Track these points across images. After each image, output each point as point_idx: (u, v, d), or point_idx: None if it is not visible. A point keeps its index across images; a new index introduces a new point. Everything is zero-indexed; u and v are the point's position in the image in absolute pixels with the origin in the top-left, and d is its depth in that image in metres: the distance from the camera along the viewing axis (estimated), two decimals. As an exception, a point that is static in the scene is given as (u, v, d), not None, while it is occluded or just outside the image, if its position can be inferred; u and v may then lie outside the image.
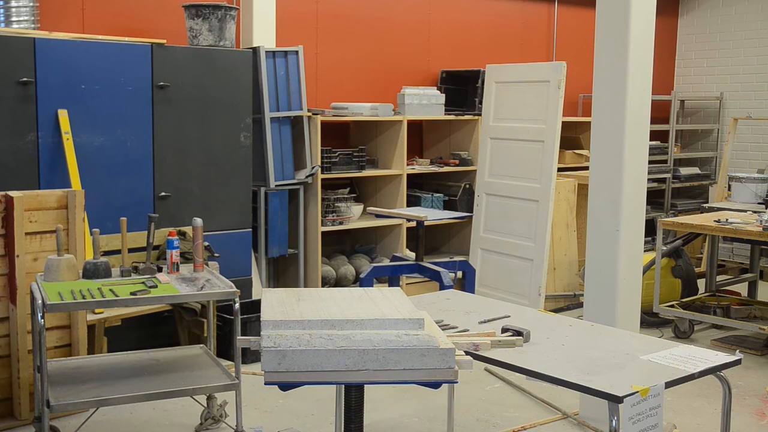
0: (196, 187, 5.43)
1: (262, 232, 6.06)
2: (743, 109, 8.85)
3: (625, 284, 4.28)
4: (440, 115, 6.95)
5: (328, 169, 6.35)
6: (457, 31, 7.65)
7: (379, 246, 6.95)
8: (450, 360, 2.31)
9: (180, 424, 4.29)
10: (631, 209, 4.27)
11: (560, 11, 8.36)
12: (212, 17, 5.45)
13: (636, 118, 4.23)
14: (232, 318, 4.30)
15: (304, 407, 4.51)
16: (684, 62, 9.50)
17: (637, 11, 4.15)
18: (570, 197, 6.89)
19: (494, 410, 4.56)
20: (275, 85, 6.03)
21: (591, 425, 4.31)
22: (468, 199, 7.07)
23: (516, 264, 6.51)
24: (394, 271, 5.59)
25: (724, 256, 8.27)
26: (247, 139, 5.63)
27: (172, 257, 4.15)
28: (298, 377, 2.30)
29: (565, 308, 6.72)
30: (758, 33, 8.80)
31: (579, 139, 7.97)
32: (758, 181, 7.11)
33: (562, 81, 6.26)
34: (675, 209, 8.39)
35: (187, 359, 4.23)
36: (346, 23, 6.99)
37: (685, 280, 6.45)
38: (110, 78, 4.98)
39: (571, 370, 2.67)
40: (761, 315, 6.15)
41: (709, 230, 5.81)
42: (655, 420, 2.51)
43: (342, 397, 2.75)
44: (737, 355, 2.87)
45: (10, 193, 4.26)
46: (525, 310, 3.55)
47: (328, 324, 2.38)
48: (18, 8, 4.99)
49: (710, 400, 4.68)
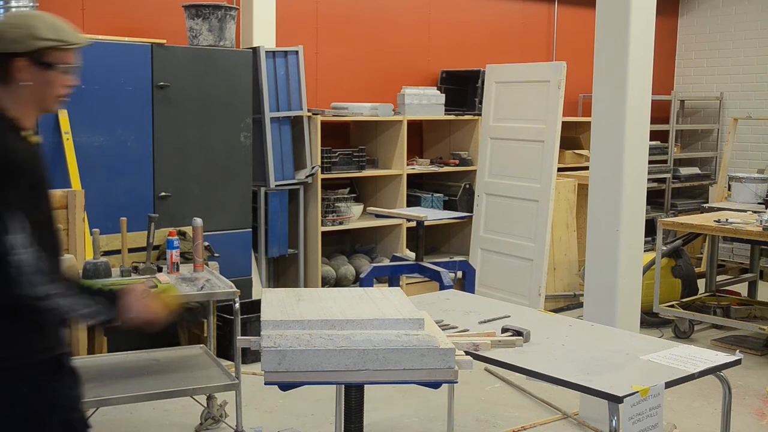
0: (196, 187, 5.43)
1: (262, 232, 6.06)
2: (743, 109, 8.84)
3: (625, 284, 4.27)
4: (440, 115, 6.94)
5: (328, 169, 6.35)
6: (457, 31, 7.65)
7: (379, 246, 6.95)
8: (450, 360, 2.31)
9: (180, 424, 4.29)
10: (631, 209, 4.27)
11: (560, 11, 8.36)
12: (212, 17, 5.45)
13: (636, 118, 4.23)
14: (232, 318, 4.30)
15: (304, 407, 4.51)
16: (684, 62, 9.49)
17: (637, 11, 4.14)
18: (570, 197, 6.89)
19: (494, 410, 4.56)
20: (275, 85, 6.03)
21: (591, 425, 4.31)
22: (468, 199, 7.07)
23: (516, 264, 6.51)
24: (394, 271, 5.59)
25: (724, 256, 8.26)
26: (247, 139, 5.63)
27: (172, 257, 4.15)
28: (298, 377, 2.30)
29: (565, 308, 6.72)
30: (758, 33, 8.80)
31: (579, 139, 7.97)
32: (758, 181, 7.11)
33: (562, 81, 6.26)
34: (675, 209, 8.38)
35: (187, 359, 4.23)
36: (346, 23, 6.98)
37: (685, 280, 6.45)
38: (110, 78, 4.98)
39: (571, 370, 2.67)
40: (761, 315, 6.15)
41: (709, 230, 5.81)
42: (655, 420, 2.51)
43: (342, 397, 2.75)
44: (737, 355, 2.87)
45: (10, 193, 4.25)
46: (525, 310, 3.55)
47: (328, 324, 2.38)
48: (18, 8, 4.99)
49: (710, 400, 4.68)
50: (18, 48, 2.23)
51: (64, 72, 2.29)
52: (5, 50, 2.24)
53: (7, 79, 2.26)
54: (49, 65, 2.26)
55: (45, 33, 2.24)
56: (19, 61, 2.24)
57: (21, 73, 2.25)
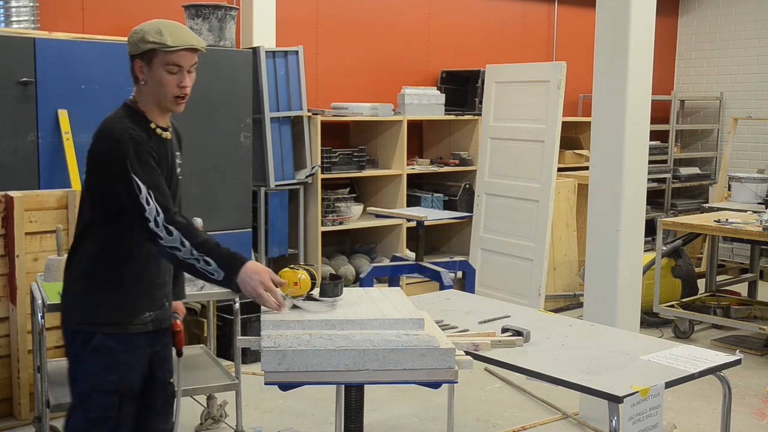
0: (196, 187, 5.42)
1: (262, 232, 6.06)
2: (743, 109, 8.84)
3: (625, 284, 4.27)
4: (440, 115, 6.94)
5: (328, 169, 6.35)
6: (457, 31, 7.65)
7: (379, 246, 6.94)
8: (450, 360, 2.31)
9: (180, 424, 4.27)
10: (631, 209, 4.27)
11: (560, 11, 8.36)
12: (212, 17, 5.45)
13: (636, 118, 4.23)
14: (232, 318, 4.30)
15: (304, 407, 4.51)
16: (684, 62, 9.49)
17: (637, 11, 4.14)
18: (570, 197, 6.89)
19: (494, 410, 4.56)
20: (275, 85, 6.03)
21: (591, 425, 4.31)
22: (468, 199, 7.07)
23: (516, 264, 6.51)
24: (394, 271, 5.58)
25: (724, 256, 8.26)
26: (247, 139, 5.63)
27: (172, 257, 4.14)
28: (298, 377, 2.30)
29: (565, 308, 6.72)
30: (758, 33, 8.80)
31: (579, 139, 7.97)
32: (758, 181, 7.11)
33: (562, 81, 6.26)
34: (675, 209, 8.39)
35: (187, 359, 4.23)
36: (346, 23, 6.98)
37: (685, 280, 6.45)
38: (110, 78, 4.97)
39: (571, 370, 2.67)
40: (761, 315, 6.15)
41: (709, 230, 5.81)
42: (655, 420, 2.51)
43: (342, 397, 2.74)
44: (737, 355, 2.87)
45: (10, 193, 4.26)
46: (525, 310, 3.55)
47: (328, 324, 2.38)
48: (18, 8, 4.99)
49: (710, 400, 4.68)
50: (134, 50, 2.58)
51: (170, 72, 2.53)
52: (129, 52, 2.59)
53: (134, 78, 2.61)
54: (154, 66, 2.53)
55: (150, 36, 2.54)
56: (137, 62, 2.58)
57: (139, 74, 2.58)
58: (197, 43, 2.61)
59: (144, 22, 2.62)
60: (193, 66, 2.63)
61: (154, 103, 2.60)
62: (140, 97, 2.62)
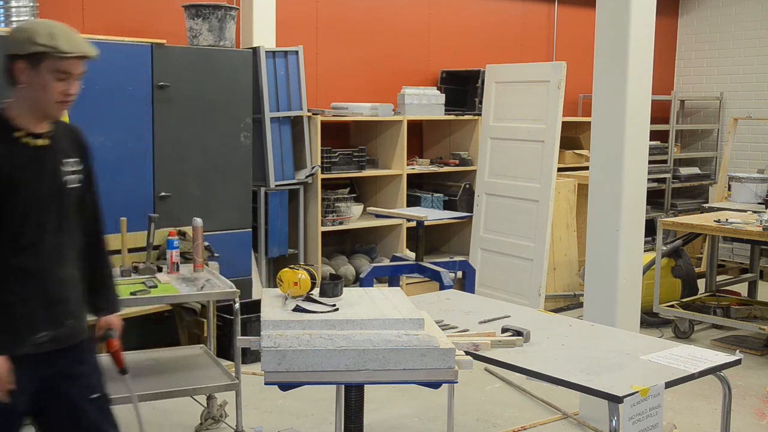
0: (196, 187, 5.43)
1: (262, 232, 6.06)
2: (743, 109, 8.84)
3: (625, 284, 4.27)
4: (440, 115, 6.94)
5: (328, 169, 6.35)
6: (457, 32, 7.65)
7: (379, 246, 6.94)
8: (450, 360, 2.31)
9: (180, 424, 4.28)
10: (631, 209, 4.27)
11: (560, 11, 8.36)
12: (212, 17, 5.44)
13: (636, 118, 4.23)
14: (232, 318, 4.29)
15: (304, 407, 4.51)
16: (684, 62, 9.49)
17: (637, 11, 4.14)
18: (570, 197, 6.89)
19: (494, 410, 4.56)
20: (275, 85, 6.03)
21: (591, 425, 4.31)
22: (468, 199, 7.07)
23: (516, 264, 6.51)
24: (394, 271, 5.59)
25: (724, 256, 8.26)
26: (247, 139, 5.63)
27: (172, 257, 4.15)
28: (298, 377, 2.30)
29: (565, 308, 6.72)
30: (758, 33, 8.80)
31: (579, 139, 7.97)
32: (758, 181, 7.11)
33: (562, 81, 6.26)
34: (675, 209, 8.38)
35: (187, 359, 4.23)
36: (346, 23, 6.98)
37: (685, 280, 6.45)
38: (110, 78, 4.97)
39: (571, 370, 2.67)
40: (761, 315, 6.15)
41: (709, 230, 5.81)
42: (655, 420, 2.51)
43: (342, 397, 2.75)
44: (737, 355, 2.87)
45: None
46: (525, 310, 3.56)
47: (328, 324, 2.38)
48: (18, 8, 4.99)
49: (710, 400, 4.68)
50: (17, 50, 2.35)
51: (58, 79, 2.36)
52: (9, 52, 2.36)
53: (12, 80, 2.39)
54: (41, 70, 2.35)
55: (41, 39, 2.34)
56: (19, 63, 2.36)
57: (20, 75, 2.36)
58: (91, 51, 2.46)
59: (30, 20, 2.53)
60: (82, 74, 2.45)
61: (32, 108, 2.40)
62: (14, 101, 2.40)
